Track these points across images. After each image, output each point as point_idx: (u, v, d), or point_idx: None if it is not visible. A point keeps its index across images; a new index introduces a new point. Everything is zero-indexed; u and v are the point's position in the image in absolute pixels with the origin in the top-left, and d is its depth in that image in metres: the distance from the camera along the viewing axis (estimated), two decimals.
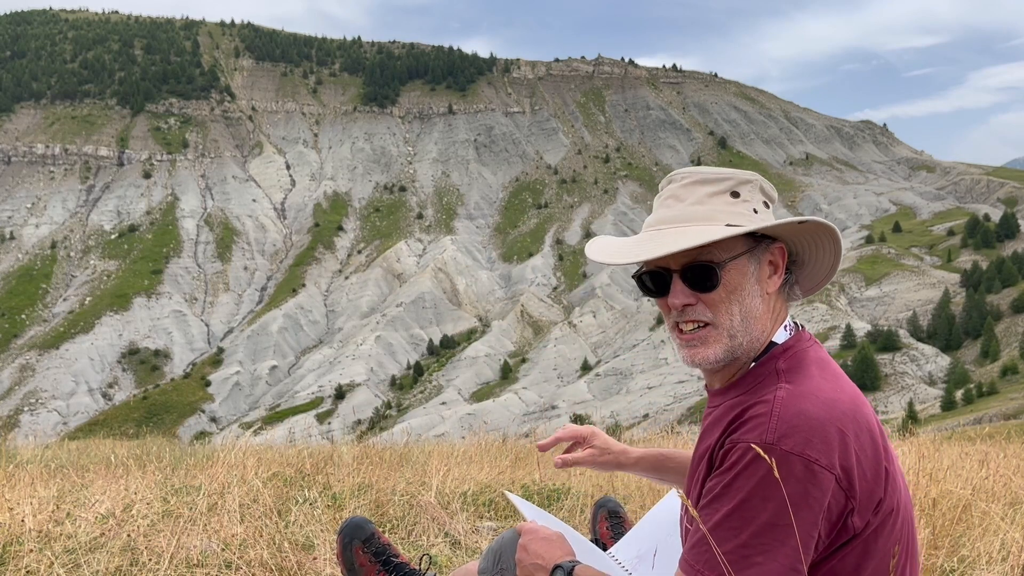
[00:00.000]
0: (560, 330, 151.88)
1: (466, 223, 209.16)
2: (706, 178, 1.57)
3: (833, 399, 1.41)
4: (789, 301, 1.59)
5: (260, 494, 3.66)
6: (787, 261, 1.58)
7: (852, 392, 1.46)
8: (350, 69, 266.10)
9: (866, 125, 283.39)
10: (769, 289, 1.56)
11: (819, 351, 1.53)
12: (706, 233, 1.47)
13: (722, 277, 1.51)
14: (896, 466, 1.47)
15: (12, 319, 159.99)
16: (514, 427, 14.31)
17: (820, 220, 1.58)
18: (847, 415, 1.40)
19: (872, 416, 1.45)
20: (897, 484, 1.45)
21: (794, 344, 1.53)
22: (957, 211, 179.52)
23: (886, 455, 1.44)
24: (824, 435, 1.36)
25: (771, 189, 1.63)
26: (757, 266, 1.54)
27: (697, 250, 1.49)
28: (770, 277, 1.56)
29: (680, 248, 1.46)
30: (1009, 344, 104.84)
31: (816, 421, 1.37)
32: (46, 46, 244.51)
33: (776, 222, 1.55)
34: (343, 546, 2.48)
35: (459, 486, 4.23)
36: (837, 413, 1.39)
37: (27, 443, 8.40)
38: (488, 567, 2.04)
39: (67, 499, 3.83)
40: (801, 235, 1.59)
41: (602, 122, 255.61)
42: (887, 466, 1.43)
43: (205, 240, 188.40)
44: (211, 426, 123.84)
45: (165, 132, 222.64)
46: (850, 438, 1.38)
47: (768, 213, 1.59)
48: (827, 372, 1.48)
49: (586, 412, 26.64)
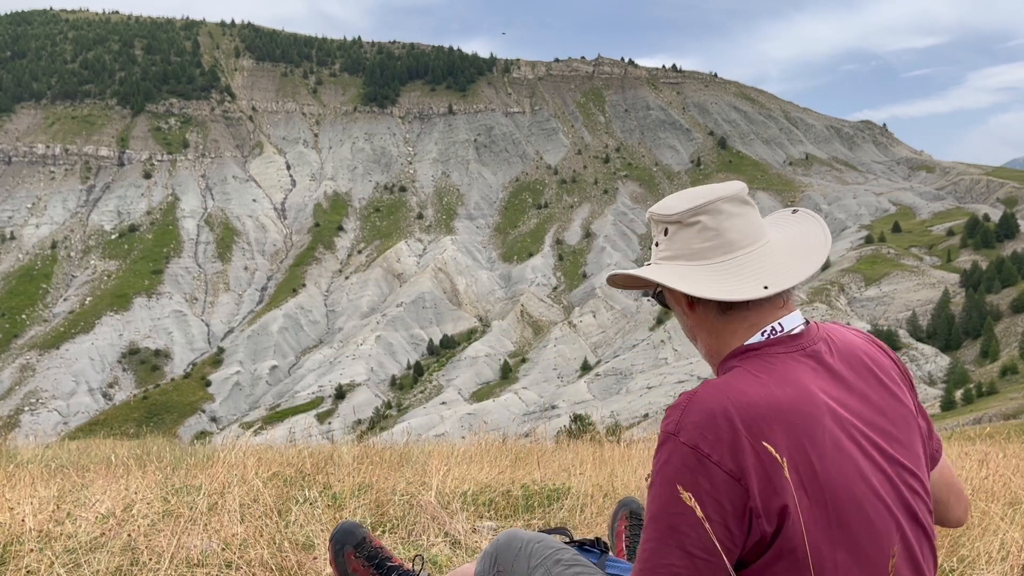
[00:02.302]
0: (560, 330, 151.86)
1: (466, 223, 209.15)
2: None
3: (750, 400, 1.43)
4: (772, 304, 1.59)
5: (260, 494, 3.67)
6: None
7: (785, 395, 1.46)
8: (350, 69, 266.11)
9: (866, 125, 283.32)
10: (687, 311, 1.64)
11: (790, 357, 1.53)
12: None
13: (670, 302, 1.70)
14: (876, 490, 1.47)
15: (12, 319, 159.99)
16: (514, 427, 14.31)
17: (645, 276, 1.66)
18: (757, 416, 1.42)
19: (813, 422, 1.45)
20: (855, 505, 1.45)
21: (762, 347, 1.55)
22: (957, 211, 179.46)
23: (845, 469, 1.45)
24: (717, 432, 1.41)
25: (667, 205, 1.67)
26: (671, 294, 1.67)
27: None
28: (687, 301, 1.63)
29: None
30: (1009, 344, 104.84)
31: (715, 418, 1.41)
32: (46, 46, 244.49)
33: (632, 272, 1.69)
34: (335, 552, 2.50)
35: (459, 486, 4.23)
36: (746, 412, 1.42)
37: (27, 443, 8.40)
38: (485, 570, 2.03)
39: (67, 499, 3.83)
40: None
41: (602, 122, 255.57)
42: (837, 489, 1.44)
43: (205, 240, 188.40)
44: (211, 426, 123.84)
45: (165, 132, 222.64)
46: (749, 440, 1.40)
47: (660, 246, 1.69)
48: (773, 375, 1.48)
49: (586, 412, 26.68)
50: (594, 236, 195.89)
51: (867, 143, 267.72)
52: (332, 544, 2.51)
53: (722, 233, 1.57)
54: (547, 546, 1.97)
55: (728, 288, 1.53)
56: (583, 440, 8.16)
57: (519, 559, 1.95)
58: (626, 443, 8.04)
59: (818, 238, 1.63)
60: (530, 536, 2.03)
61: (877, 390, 1.56)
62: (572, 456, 5.84)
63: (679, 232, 1.62)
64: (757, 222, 1.62)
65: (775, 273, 1.55)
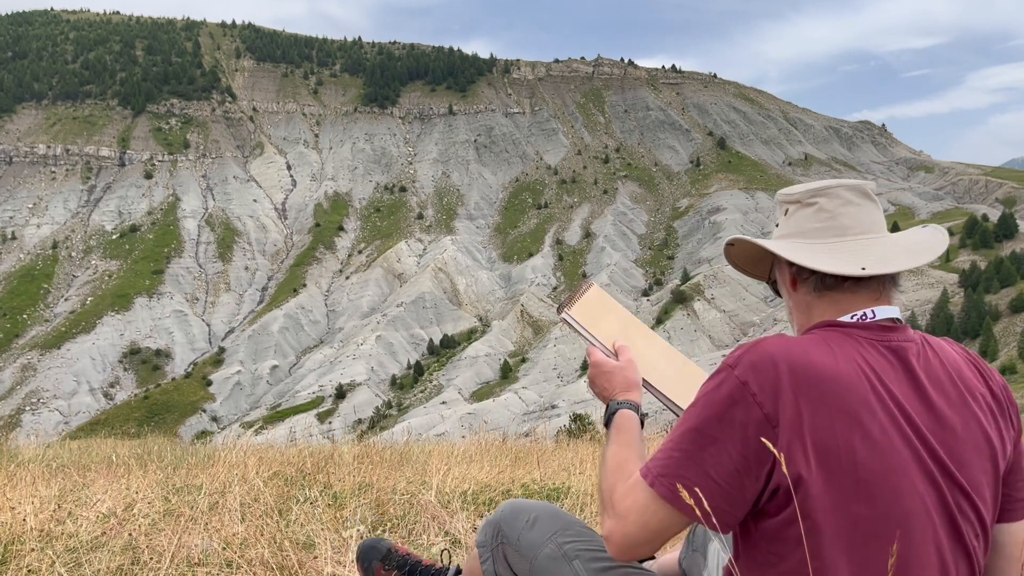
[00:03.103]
0: (560, 330, 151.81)
1: (466, 223, 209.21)
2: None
3: (810, 360, 1.48)
4: (869, 293, 1.64)
5: (261, 493, 3.68)
6: (797, 267, 1.67)
7: (848, 370, 1.49)
8: (351, 70, 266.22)
9: (865, 125, 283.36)
10: (791, 290, 1.72)
11: (870, 342, 1.57)
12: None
13: (780, 284, 1.78)
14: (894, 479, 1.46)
15: (14, 319, 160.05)
16: (514, 427, 14.34)
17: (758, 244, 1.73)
18: (810, 376, 1.46)
19: (866, 406, 1.47)
20: (872, 492, 1.44)
21: (847, 325, 1.59)
22: (956, 211, 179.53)
23: (873, 450, 1.45)
24: (772, 375, 1.46)
25: (783, 196, 1.75)
26: (780, 272, 1.76)
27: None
28: (791, 279, 1.71)
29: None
30: (1008, 344, 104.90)
31: (773, 362, 1.47)
32: (47, 47, 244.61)
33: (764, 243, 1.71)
34: (364, 570, 2.49)
35: (459, 485, 4.24)
36: (800, 368, 1.46)
37: (29, 442, 8.41)
38: (487, 540, 2.03)
39: (68, 498, 3.84)
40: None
41: (602, 122, 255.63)
42: (866, 459, 1.44)
43: (206, 240, 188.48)
44: (212, 425, 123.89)
45: (166, 132, 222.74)
46: (794, 393, 1.45)
47: (779, 227, 1.75)
48: (843, 349, 1.53)
49: (586, 411, 26.88)
50: (594, 236, 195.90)
51: (866, 143, 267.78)
52: (359, 563, 2.51)
53: (836, 216, 1.64)
54: (555, 517, 1.98)
55: (829, 263, 1.58)
56: (583, 439, 8.18)
57: (526, 531, 1.95)
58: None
59: (934, 240, 1.69)
60: (536, 506, 2.03)
61: (957, 407, 1.55)
62: (572, 455, 5.85)
63: (797, 212, 1.69)
64: (875, 216, 1.67)
65: (878, 260, 1.60)
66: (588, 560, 1.84)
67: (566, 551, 1.87)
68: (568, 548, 1.87)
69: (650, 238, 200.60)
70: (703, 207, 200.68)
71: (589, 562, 1.84)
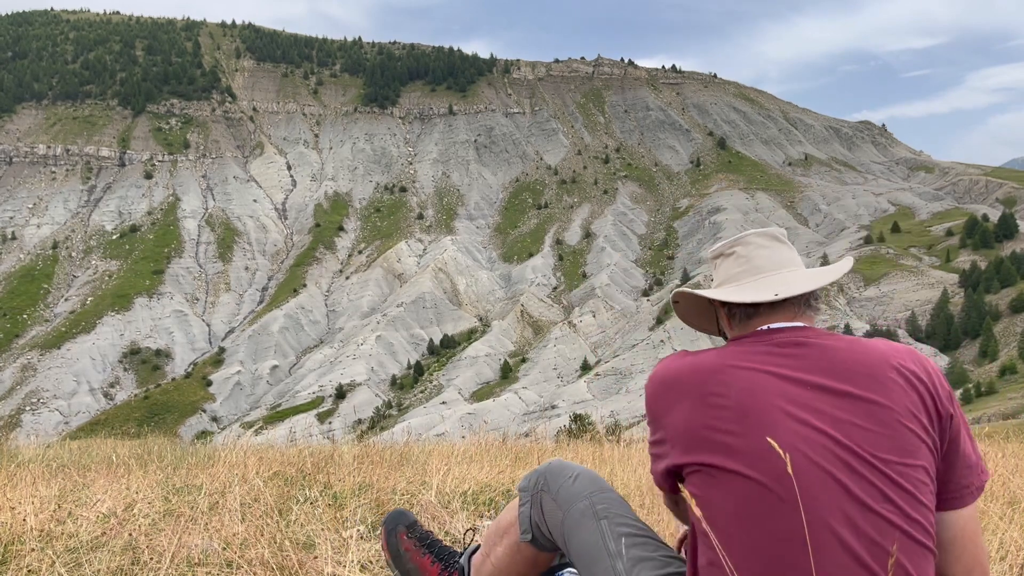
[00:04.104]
0: (560, 330, 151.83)
1: (466, 223, 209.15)
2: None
3: (666, 368, 1.91)
4: (783, 316, 1.96)
5: (261, 493, 3.68)
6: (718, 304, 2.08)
7: (712, 363, 1.82)
8: (351, 70, 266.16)
9: (865, 125, 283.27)
10: (728, 329, 2.05)
11: (752, 344, 1.86)
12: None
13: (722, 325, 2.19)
14: (754, 443, 1.71)
15: (14, 319, 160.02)
16: (514, 427, 14.35)
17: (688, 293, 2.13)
18: (661, 380, 1.89)
19: (715, 384, 1.78)
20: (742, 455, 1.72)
21: (738, 337, 1.93)
22: (956, 211, 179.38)
23: (734, 421, 1.74)
24: (647, 392, 1.93)
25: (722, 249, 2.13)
26: (720, 318, 2.12)
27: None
28: (726, 322, 2.06)
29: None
30: (1007, 344, 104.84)
31: (657, 371, 1.94)
32: (47, 47, 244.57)
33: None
34: (388, 532, 2.61)
35: (459, 485, 4.24)
36: (657, 379, 1.91)
37: (29, 442, 8.41)
38: (529, 487, 2.27)
39: (69, 498, 3.84)
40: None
41: (602, 123, 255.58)
42: (723, 435, 1.73)
43: (206, 240, 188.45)
44: (212, 425, 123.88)
45: (166, 133, 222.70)
46: (654, 397, 1.89)
47: (713, 279, 2.15)
48: (715, 351, 1.88)
49: (586, 411, 26.92)
50: (594, 236, 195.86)
51: (866, 143, 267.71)
52: (384, 526, 2.64)
53: (751, 259, 2.00)
54: (595, 480, 2.22)
55: (744, 295, 1.94)
56: (583, 440, 8.17)
57: (567, 485, 2.19)
58: (625, 443, 8.06)
59: (838, 266, 2.04)
60: (580, 468, 2.27)
61: (843, 393, 1.75)
62: (572, 456, 5.85)
63: (723, 263, 2.07)
64: (787, 255, 2.03)
65: (785, 286, 1.92)
66: (615, 523, 2.06)
67: (597, 510, 2.09)
68: (600, 508, 2.10)
69: (650, 238, 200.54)
70: (703, 207, 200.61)
71: (615, 525, 2.05)
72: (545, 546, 2.22)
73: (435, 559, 2.51)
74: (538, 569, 2.30)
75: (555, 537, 2.17)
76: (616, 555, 1.99)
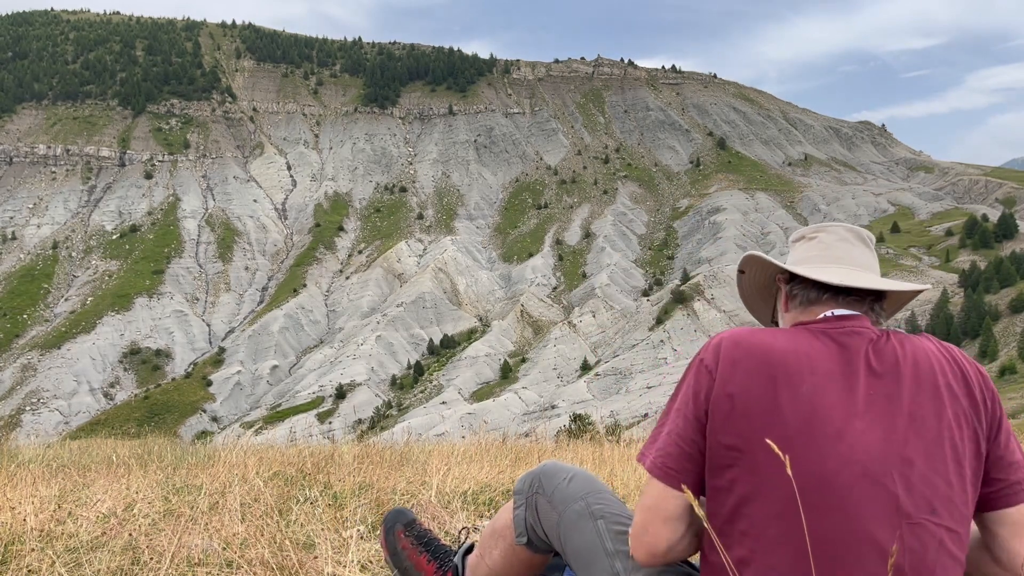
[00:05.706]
0: (560, 330, 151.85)
1: (466, 223, 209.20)
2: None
3: (751, 337, 1.80)
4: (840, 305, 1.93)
5: (261, 493, 3.68)
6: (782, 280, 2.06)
7: (785, 348, 1.76)
8: (351, 70, 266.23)
9: (864, 126, 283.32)
10: (784, 311, 2.04)
11: (811, 331, 1.83)
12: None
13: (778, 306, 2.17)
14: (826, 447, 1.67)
15: (14, 319, 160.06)
16: (514, 427, 14.35)
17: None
18: (745, 347, 1.77)
19: (796, 373, 1.72)
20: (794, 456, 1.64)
21: (805, 322, 1.90)
22: (955, 211, 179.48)
23: (800, 415, 1.69)
24: (719, 348, 1.80)
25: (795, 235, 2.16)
26: (779, 298, 2.12)
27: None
28: (784, 301, 2.06)
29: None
30: (1007, 344, 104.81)
31: (721, 339, 1.82)
32: (48, 47, 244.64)
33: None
34: (386, 530, 2.63)
35: (459, 485, 4.24)
36: (741, 342, 1.79)
37: (29, 442, 8.42)
38: (524, 489, 2.23)
39: (69, 498, 3.84)
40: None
41: (602, 123, 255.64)
42: (788, 428, 1.69)
43: (206, 240, 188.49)
44: (212, 425, 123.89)
45: (166, 133, 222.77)
46: (731, 359, 1.76)
47: (789, 255, 2.11)
48: (787, 334, 1.82)
49: (586, 411, 26.86)
50: (594, 236, 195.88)
51: (866, 144, 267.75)
52: (384, 524, 2.65)
53: (830, 248, 1.98)
54: (590, 480, 2.18)
55: (812, 273, 1.91)
56: (583, 440, 8.18)
57: (562, 486, 2.15)
58: (625, 443, 8.06)
59: (915, 284, 1.95)
60: (575, 468, 2.24)
61: (911, 392, 1.74)
62: (572, 455, 5.85)
63: (802, 245, 2.04)
64: (867, 257, 1.99)
65: (854, 279, 1.88)
66: (611, 523, 2.03)
67: (594, 510, 2.06)
68: (596, 508, 2.07)
69: (650, 238, 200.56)
70: (703, 207, 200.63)
71: (612, 524, 2.02)
72: (540, 548, 2.21)
73: (431, 558, 2.52)
74: (533, 571, 2.29)
75: (551, 539, 2.15)
76: (615, 554, 1.97)
